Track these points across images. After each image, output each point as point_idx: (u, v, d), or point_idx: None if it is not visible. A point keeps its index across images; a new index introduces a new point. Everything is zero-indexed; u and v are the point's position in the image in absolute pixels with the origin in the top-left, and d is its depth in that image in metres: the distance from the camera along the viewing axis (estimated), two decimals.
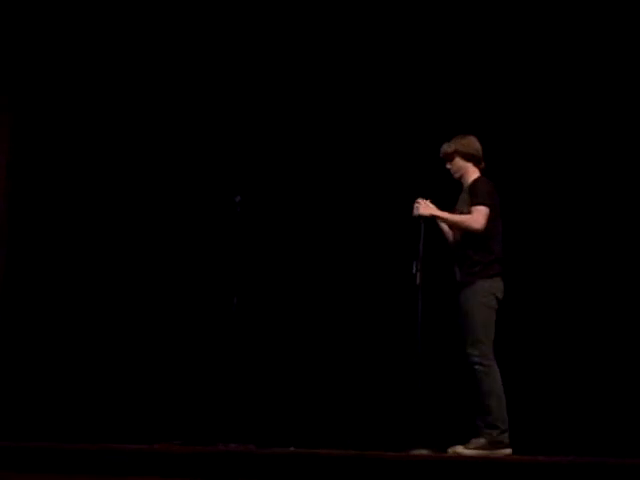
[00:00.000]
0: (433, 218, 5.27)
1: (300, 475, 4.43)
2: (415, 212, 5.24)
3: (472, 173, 5.26)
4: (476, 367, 4.96)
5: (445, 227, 5.39)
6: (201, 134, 7.37)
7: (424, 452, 4.88)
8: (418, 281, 5.24)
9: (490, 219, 5.07)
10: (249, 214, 6.36)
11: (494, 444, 4.84)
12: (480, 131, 5.50)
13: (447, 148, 5.29)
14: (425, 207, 5.21)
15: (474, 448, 4.84)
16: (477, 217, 5.04)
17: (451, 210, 5.33)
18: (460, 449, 4.87)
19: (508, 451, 4.87)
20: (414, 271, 5.38)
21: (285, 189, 7.27)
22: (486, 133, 5.60)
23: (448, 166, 5.33)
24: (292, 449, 5.81)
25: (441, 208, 5.35)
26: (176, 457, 4.71)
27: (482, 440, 4.88)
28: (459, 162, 5.28)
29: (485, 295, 5.02)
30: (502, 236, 5.23)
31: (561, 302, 6.25)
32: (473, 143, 5.28)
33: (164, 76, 7.39)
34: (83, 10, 7.30)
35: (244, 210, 6.21)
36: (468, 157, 5.25)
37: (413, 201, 5.33)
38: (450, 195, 5.54)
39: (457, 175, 5.32)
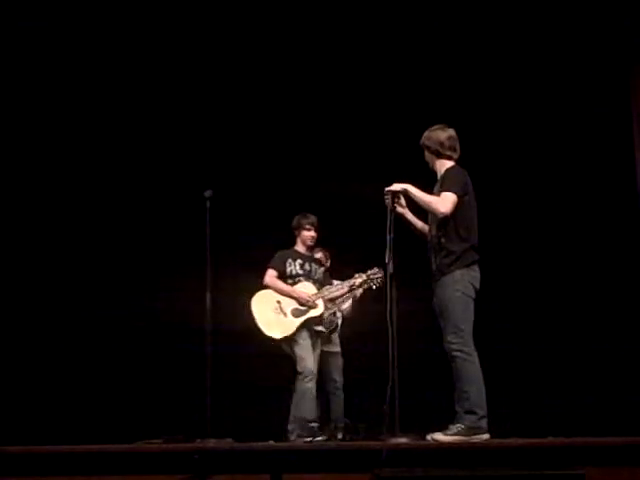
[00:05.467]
0: (403, 196, 5.28)
1: (280, 468, 4.44)
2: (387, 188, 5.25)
3: (443, 164, 5.25)
4: (456, 354, 4.98)
5: (418, 223, 5.40)
6: (172, 129, 7.35)
7: (403, 440, 4.94)
8: (391, 270, 5.29)
9: (463, 207, 5.07)
10: (219, 209, 6.34)
11: (472, 430, 4.86)
12: (461, 122, 5.51)
13: (425, 140, 5.30)
14: (397, 184, 5.22)
15: (452, 434, 4.85)
16: (444, 201, 5.03)
17: None
18: (438, 435, 4.88)
19: (486, 436, 4.88)
20: (387, 260, 5.43)
21: (255, 184, 7.29)
22: (467, 124, 5.63)
23: (426, 157, 5.34)
24: (271, 442, 5.82)
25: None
26: (155, 455, 4.70)
27: (460, 426, 4.90)
28: (427, 155, 5.30)
29: (462, 284, 5.02)
30: (478, 224, 5.21)
31: (540, 292, 6.35)
32: (438, 135, 5.25)
33: (135, 74, 7.34)
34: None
35: (214, 205, 6.18)
36: (433, 150, 5.25)
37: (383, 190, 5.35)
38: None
39: (430, 166, 5.32)
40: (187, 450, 4.74)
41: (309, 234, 6.33)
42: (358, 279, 6.29)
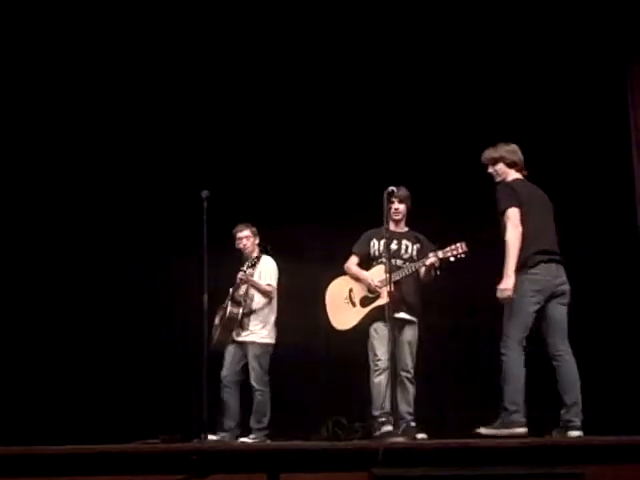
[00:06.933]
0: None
1: (277, 467, 4.43)
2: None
3: (511, 175, 5.42)
4: (500, 355, 5.20)
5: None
6: (169, 130, 7.35)
7: (400, 439, 5.02)
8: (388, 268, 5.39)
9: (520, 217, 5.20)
10: (216, 209, 6.34)
11: (506, 424, 5.08)
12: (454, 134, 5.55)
13: (493, 153, 5.45)
14: (502, 292, 5.17)
15: (491, 428, 5.11)
16: (509, 224, 5.15)
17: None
18: (481, 429, 5.13)
19: (521, 430, 5.06)
20: (384, 260, 5.49)
21: (251, 184, 7.29)
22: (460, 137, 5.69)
23: (490, 170, 5.47)
24: (268, 442, 5.81)
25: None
26: (152, 455, 4.69)
27: (499, 421, 5.14)
28: (502, 168, 5.43)
29: (515, 290, 5.14)
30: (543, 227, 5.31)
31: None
32: (516, 151, 5.45)
33: (133, 74, 7.33)
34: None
35: (211, 205, 6.18)
36: (511, 164, 5.42)
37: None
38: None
39: (499, 179, 5.44)
40: (185, 450, 4.74)
41: (392, 207, 5.87)
42: (431, 258, 5.71)
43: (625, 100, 6.82)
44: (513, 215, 5.16)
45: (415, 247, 5.99)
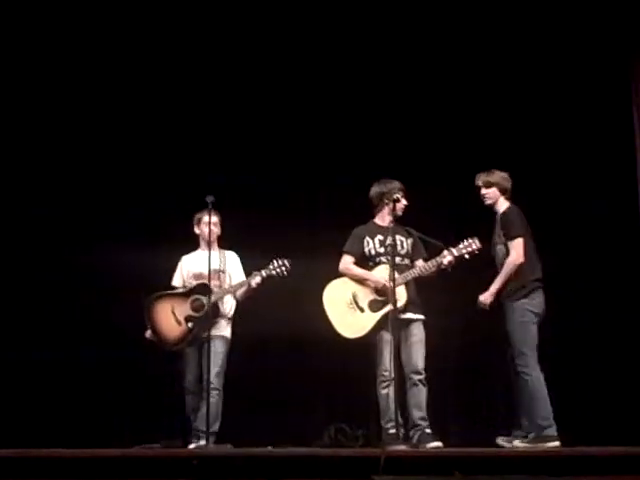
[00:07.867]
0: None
1: (278, 474, 4.45)
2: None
3: (502, 203, 5.79)
4: (521, 375, 5.49)
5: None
6: (174, 132, 7.37)
7: (401, 447, 5.07)
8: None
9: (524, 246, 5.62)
10: (221, 214, 6.35)
11: (540, 439, 5.30)
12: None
13: (489, 178, 5.80)
14: (484, 299, 5.64)
15: (526, 442, 5.37)
16: (516, 251, 5.58)
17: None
18: (517, 442, 5.42)
19: (554, 444, 5.26)
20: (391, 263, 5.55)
21: (257, 188, 7.31)
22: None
23: (483, 191, 5.82)
24: (269, 448, 5.80)
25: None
26: (154, 460, 4.71)
27: (532, 435, 5.37)
28: (495, 192, 5.80)
29: (520, 313, 5.55)
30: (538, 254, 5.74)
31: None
32: (508, 179, 5.82)
33: (139, 77, 7.34)
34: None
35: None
36: (502, 190, 5.80)
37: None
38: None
39: (489, 202, 5.83)
40: (186, 456, 4.76)
41: (400, 205, 5.70)
42: (447, 257, 5.59)
43: (629, 99, 6.81)
44: (518, 244, 5.60)
45: (409, 241, 5.82)
